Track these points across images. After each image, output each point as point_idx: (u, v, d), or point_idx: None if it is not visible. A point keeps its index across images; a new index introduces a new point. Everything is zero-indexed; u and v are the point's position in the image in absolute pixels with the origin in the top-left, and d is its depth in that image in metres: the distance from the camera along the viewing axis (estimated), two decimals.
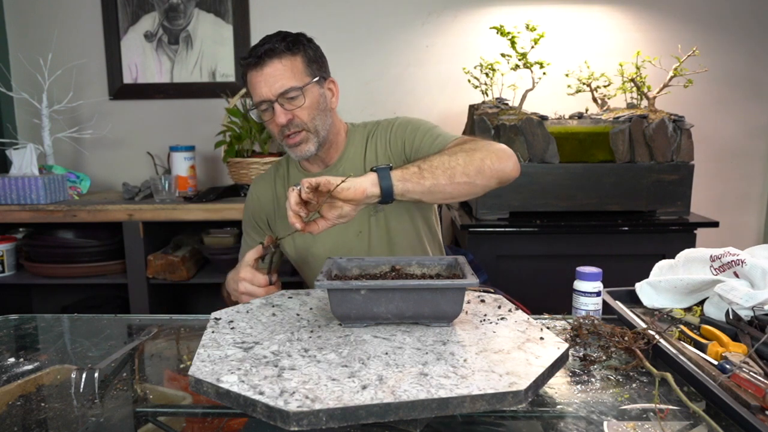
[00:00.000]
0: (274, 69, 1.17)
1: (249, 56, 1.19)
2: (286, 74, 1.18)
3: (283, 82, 1.17)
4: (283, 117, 1.19)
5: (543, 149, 1.91)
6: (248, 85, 1.23)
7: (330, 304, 0.85)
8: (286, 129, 1.20)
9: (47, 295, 2.40)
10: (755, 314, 0.94)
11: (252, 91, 1.21)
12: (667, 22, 2.29)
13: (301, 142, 1.22)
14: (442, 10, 2.30)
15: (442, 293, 0.83)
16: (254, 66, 1.18)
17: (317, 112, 1.22)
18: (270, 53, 1.17)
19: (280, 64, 1.18)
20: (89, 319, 1.16)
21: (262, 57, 1.17)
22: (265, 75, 1.17)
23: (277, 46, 1.17)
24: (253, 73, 1.19)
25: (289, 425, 0.60)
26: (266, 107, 1.20)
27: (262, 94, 1.18)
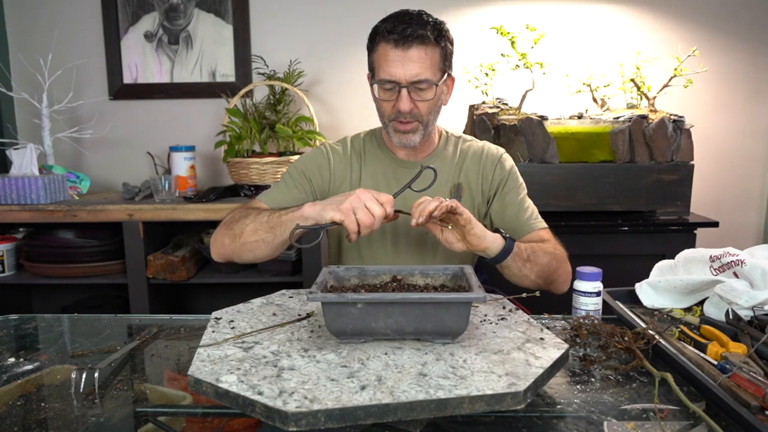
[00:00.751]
0: (416, 55, 1.13)
1: (393, 30, 1.13)
2: (425, 64, 1.14)
3: (420, 71, 1.14)
4: (408, 105, 1.16)
5: (543, 149, 1.91)
6: (378, 55, 1.17)
7: (324, 318, 0.80)
8: (402, 116, 1.18)
9: (47, 295, 2.40)
10: (755, 314, 0.94)
11: (381, 64, 1.16)
12: (667, 22, 2.29)
13: (410, 131, 1.20)
14: (442, 9, 2.30)
15: (446, 308, 0.78)
16: (397, 44, 1.13)
17: (435, 107, 1.22)
18: (419, 39, 1.12)
19: (424, 52, 1.14)
20: (89, 319, 1.16)
21: (409, 38, 1.12)
22: (407, 57, 1.13)
23: (429, 34, 1.13)
24: (392, 49, 1.14)
25: (287, 425, 0.60)
26: (391, 87, 1.16)
27: (395, 74, 1.14)
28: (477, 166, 1.32)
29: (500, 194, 1.31)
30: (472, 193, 1.31)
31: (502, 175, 1.31)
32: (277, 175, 2.00)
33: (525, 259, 1.12)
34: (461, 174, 1.31)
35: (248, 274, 2.07)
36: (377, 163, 1.32)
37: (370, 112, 2.34)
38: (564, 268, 1.22)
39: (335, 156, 1.32)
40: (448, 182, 1.31)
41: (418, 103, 1.18)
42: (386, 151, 1.32)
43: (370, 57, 1.22)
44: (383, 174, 1.31)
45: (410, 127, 1.20)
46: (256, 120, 2.07)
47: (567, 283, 1.23)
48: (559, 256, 1.21)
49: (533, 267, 1.14)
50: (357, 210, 0.96)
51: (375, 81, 1.19)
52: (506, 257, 1.09)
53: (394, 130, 1.22)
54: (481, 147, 1.34)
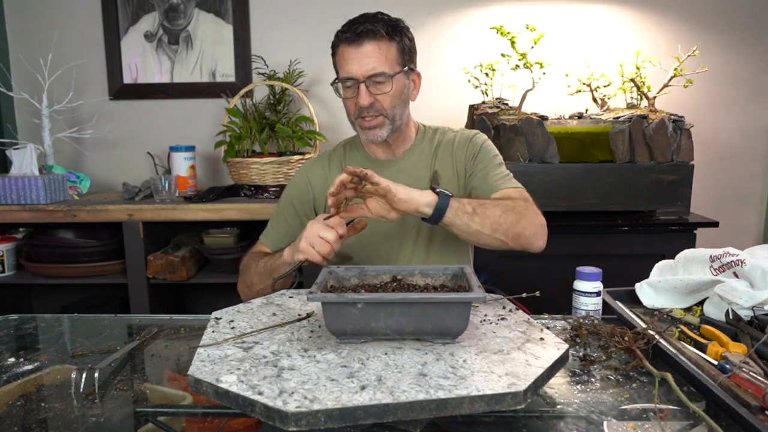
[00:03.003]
0: (370, 50, 1.17)
1: (347, 30, 1.18)
2: (380, 58, 1.18)
3: (375, 65, 1.18)
4: (366, 99, 1.19)
5: (543, 149, 1.91)
6: (337, 57, 1.22)
7: (324, 318, 0.80)
8: (365, 111, 1.21)
9: (47, 295, 2.40)
10: (755, 314, 0.94)
11: (340, 65, 1.21)
12: (667, 22, 2.29)
13: (375, 126, 1.23)
14: (442, 10, 2.30)
15: (446, 308, 0.78)
16: (350, 42, 1.18)
17: (398, 101, 1.23)
18: (370, 34, 1.17)
19: (377, 46, 1.18)
20: (89, 319, 1.16)
21: (361, 35, 1.17)
22: (360, 53, 1.17)
23: (379, 29, 1.17)
24: (347, 48, 1.19)
25: (287, 425, 0.60)
26: (351, 84, 1.20)
27: (352, 71, 1.18)
28: (450, 151, 1.33)
29: (473, 169, 1.30)
30: (449, 178, 1.31)
31: (474, 152, 1.31)
32: (277, 175, 2.00)
33: (470, 213, 1.07)
34: (436, 163, 1.32)
35: None
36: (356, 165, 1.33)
37: None
38: (529, 220, 1.13)
39: (313, 172, 1.36)
40: (426, 175, 1.32)
41: (378, 96, 1.20)
42: (365, 154, 1.36)
43: (333, 62, 1.26)
44: None
45: (375, 123, 1.22)
46: (256, 120, 2.07)
47: (539, 238, 1.16)
48: (517, 207, 1.13)
49: (483, 220, 1.08)
50: (313, 244, 1.02)
51: (336, 81, 1.24)
52: (444, 213, 1.04)
53: (360, 127, 1.25)
54: (455, 134, 1.36)
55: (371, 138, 1.25)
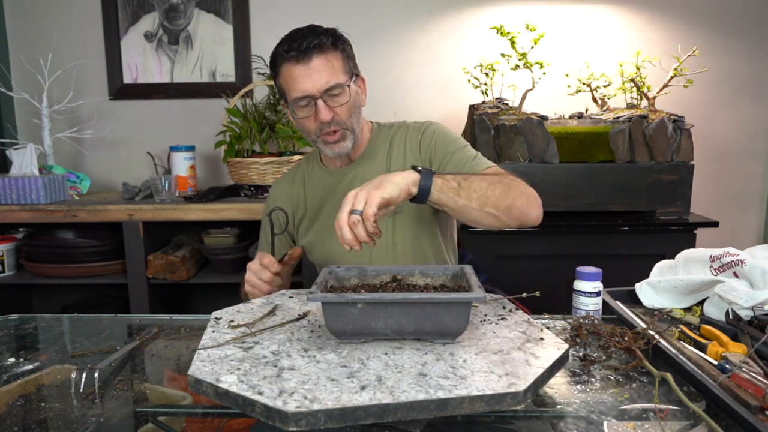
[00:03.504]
0: (320, 64, 1.14)
1: (290, 49, 1.14)
2: (330, 70, 1.15)
3: (328, 78, 1.15)
4: (327, 114, 1.16)
5: (543, 149, 1.91)
6: (284, 78, 1.18)
7: (324, 318, 0.80)
8: (326, 126, 1.18)
9: (47, 295, 2.40)
10: (755, 314, 0.94)
11: (290, 84, 1.17)
12: (667, 22, 2.29)
13: (339, 139, 1.21)
14: (442, 10, 2.30)
15: (446, 308, 0.78)
16: (298, 59, 1.14)
17: (354, 109, 1.22)
18: (317, 48, 1.14)
19: (325, 59, 1.15)
20: (89, 319, 1.16)
21: (308, 51, 1.13)
22: (311, 69, 1.14)
23: (324, 41, 1.15)
24: (294, 66, 1.15)
25: (287, 425, 0.60)
26: (306, 103, 1.17)
27: (305, 89, 1.15)
28: (403, 148, 1.30)
29: (435, 160, 1.26)
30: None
31: (430, 143, 1.27)
32: (277, 175, 2.00)
33: (456, 188, 1.02)
34: (392, 164, 1.29)
35: None
36: (316, 182, 1.36)
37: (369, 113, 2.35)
38: (519, 191, 1.10)
39: (279, 191, 1.40)
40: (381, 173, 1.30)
41: (336, 109, 1.18)
42: (323, 167, 1.36)
43: (277, 83, 1.23)
44: (322, 190, 1.34)
45: (338, 136, 1.21)
46: (256, 120, 2.06)
47: (532, 208, 1.11)
48: (504, 180, 1.10)
49: (470, 194, 1.03)
50: (254, 286, 1.12)
51: (290, 103, 1.20)
52: (429, 191, 0.99)
53: (324, 143, 1.22)
54: (406, 128, 1.32)
55: (337, 152, 1.23)
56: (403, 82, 2.35)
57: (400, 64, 2.33)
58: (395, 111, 2.33)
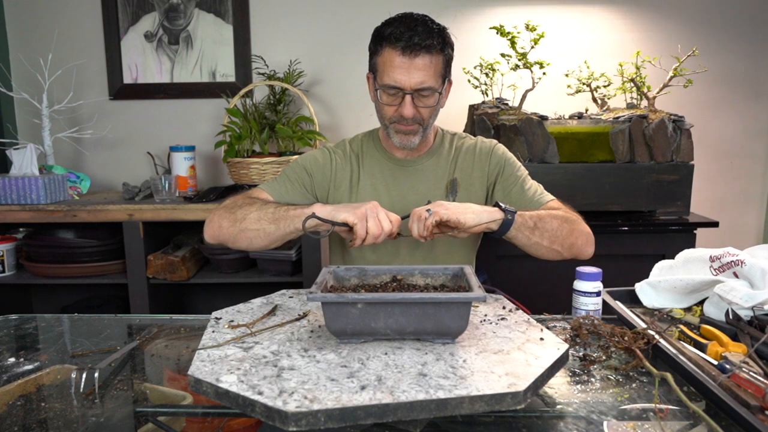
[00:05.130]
0: (422, 64, 1.14)
1: (400, 39, 1.13)
2: (430, 72, 1.16)
3: (425, 79, 1.15)
4: (411, 111, 1.17)
5: (543, 149, 1.91)
6: (382, 59, 1.17)
7: (324, 318, 0.80)
8: (404, 120, 1.19)
9: (47, 295, 2.40)
10: (755, 314, 0.94)
11: (386, 69, 1.16)
12: (667, 22, 2.29)
13: (410, 133, 1.22)
14: (442, 10, 2.30)
15: (446, 308, 0.78)
16: (405, 52, 1.14)
17: (435, 111, 1.23)
18: (426, 48, 1.14)
19: (429, 60, 1.15)
20: (89, 319, 1.16)
21: (416, 47, 1.13)
22: (412, 65, 1.14)
23: (435, 43, 1.15)
24: (398, 56, 1.14)
25: (287, 425, 0.60)
26: (395, 93, 1.18)
27: (400, 80, 1.15)
28: (471, 160, 1.33)
29: (500, 181, 1.32)
30: (468, 187, 1.32)
31: (498, 163, 1.32)
32: (277, 175, 1.99)
33: (532, 227, 1.13)
34: (456, 170, 1.33)
35: (248, 274, 2.07)
36: (374, 164, 1.34)
37: (370, 113, 2.35)
38: (580, 229, 1.21)
39: (337, 158, 1.34)
40: (444, 178, 1.32)
41: (421, 108, 1.19)
42: (383, 151, 1.34)
43: (373, 59, 1.22)
44: (380, 174, 1.33)
45: (411, 129, 1.22)
46: (256, 120, 2.07)
47: (589, 246, 1.23)
48: (570, 218, 1.20)
49: (543, 233, 1.14)
50: (370, 218, 1.03)
51: (378, 86, 1.20)
52: (509, 229, 1.10)
53: (395, 131, 1.23)
54: (474, 142, 1.36)
55: (405, 144, 1.24)
56: None
57: None
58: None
